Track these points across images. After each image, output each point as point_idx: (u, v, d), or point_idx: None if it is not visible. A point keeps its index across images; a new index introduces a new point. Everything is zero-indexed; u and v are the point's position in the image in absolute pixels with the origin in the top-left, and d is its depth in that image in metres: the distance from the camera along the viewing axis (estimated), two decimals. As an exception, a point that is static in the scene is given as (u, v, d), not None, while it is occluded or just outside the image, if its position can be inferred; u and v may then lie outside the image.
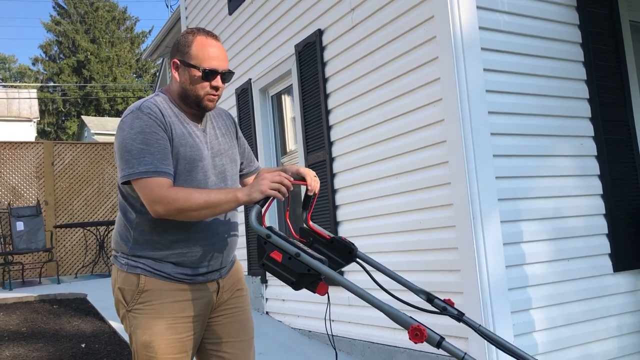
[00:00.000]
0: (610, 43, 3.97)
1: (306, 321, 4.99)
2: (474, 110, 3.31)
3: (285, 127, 5.72)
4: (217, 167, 2.04)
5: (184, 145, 1.93)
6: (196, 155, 1.96)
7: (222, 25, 6.55)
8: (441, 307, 1.91)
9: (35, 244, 8.44)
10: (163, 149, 1.87)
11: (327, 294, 1.73)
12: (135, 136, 1.85)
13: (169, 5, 14.43)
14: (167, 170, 1.86)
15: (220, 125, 2.14)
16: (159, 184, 1.82)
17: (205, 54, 1.93)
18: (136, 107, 1.91)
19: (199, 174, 1.96)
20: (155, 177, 1.83)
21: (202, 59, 1.93)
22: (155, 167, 1.83)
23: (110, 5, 36.29)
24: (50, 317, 5.85)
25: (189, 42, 1.95)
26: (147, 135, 1.85)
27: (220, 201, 1.83)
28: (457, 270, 3.39)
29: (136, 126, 1.86)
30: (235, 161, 2.14)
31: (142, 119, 1.87)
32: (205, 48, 1.94)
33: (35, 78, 36.62)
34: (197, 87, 1.95)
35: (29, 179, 9.50)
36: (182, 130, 1.95)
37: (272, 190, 1.81)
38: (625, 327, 3.73)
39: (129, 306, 1.95)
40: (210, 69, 1.93)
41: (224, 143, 2.10)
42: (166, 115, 1.93)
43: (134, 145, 1.84)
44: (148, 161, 1.83)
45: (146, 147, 1.84)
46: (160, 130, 1.88)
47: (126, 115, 1.91)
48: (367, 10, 4.11)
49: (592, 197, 3.77)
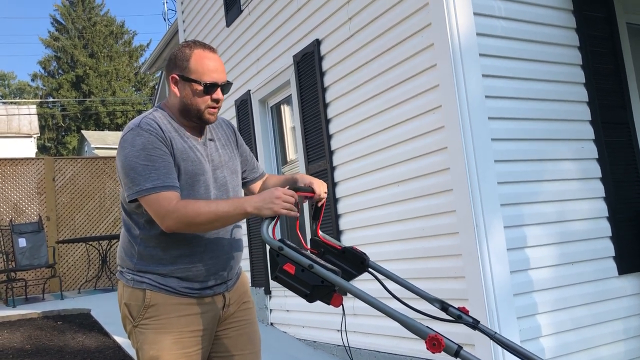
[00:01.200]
0: (607, 45, 3.98)
1: (311, 331, 4.97)
2: (473, 116, 3.31)
3: (285, 136, 5.73)
4: (219, 179, 2.03)
5: (185, 160, 1.93)
6: (198, 170, 1.95)
7: (220, 37, 6.57)
8: (456, 315, 1.90)
9: (37, 260, 8.42)
10: (167, 163, 1.87)
11: (341, 305, 1.72)
12: (138, 153, 1.84)
13: (166, 18, 14.49)
14: (174, 183, 1.86)
15: (220, 137, 2.13)
16: (167, 198, 1.82)
17: (205, 67, 1.92)
18: (135, 125, 1.90)
19: (200, 188, 1.96)
20: (164, 191, 1.82)
21: (202, 72, 1.92)
22: (163, 182, 1.83)
23: (108, 20, 36.47)
24: (55, 333, 5.83)
25: (187, 57, 1.94)
26: (150, 152, 1.85)
27: (229, 213, 1.82)
28: (461, 277, 3.38)
29: (138, 143, 1.85)
30: (236, 172, 2.13)
31: (143, 135, 1.86)
32: (204, 61, 1.93)
33: (34, 94, 36.73)
34: (198, 101, 1.94)
35: (30, 195, 9.50)
36: (182, 145, 1.94)
37: (284, 210, 1.78)
38: (632, 330, 3.71)
39: (136, 321, 1.95)
40: (211, 82, 1.93)
41: (224, 155, 2.09)
42: (166, 130, 1.92)
43: (138, 163, 1.84)
44: (154, 177, 1.83)
45: (150, 164, 1.84)
46: (162, 146, 1.88)
47: (126, 133, 1.90)
48: (364, 19, 4.12)
49: (595, 200, 3.76)
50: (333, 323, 4.56)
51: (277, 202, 1.78)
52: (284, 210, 1.77)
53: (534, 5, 3.74)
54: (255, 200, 1.80)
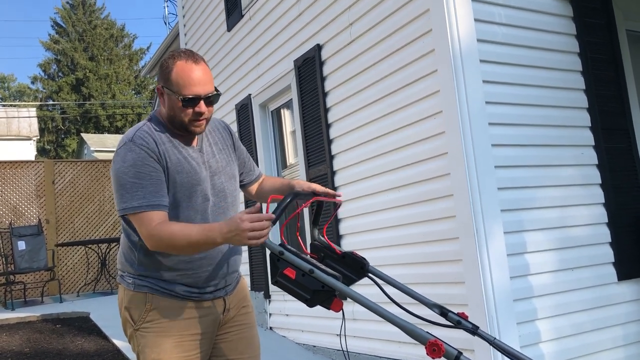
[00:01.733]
0: (607, 52, 3.99)
1: (310, 336, 4.97)
2: (474, 122, 3.33)
3: (285, 141, 5.74)
4: (216, 186, 2.03)
5: (180, 173, 1.92)
6: (194, 181, 1.95)
7: (221, 42, 6.59)
8: (455, 320, 1.90)
9: (37, 263, 8.42)
10: (155, 180, 1.86)
11: (341, 310, 1.72)
12: (128, 170, 1.84)
13: (167, 22, 14.51)
14: (160, 202, 1.85)
15: (217, 140, 2.11)
16: (150, 219, 1.81)
17: (185, 80, 1.86)
18: (129, 139, 1.89)
19: (198, 198, 1.96)
20: (148, 211, 1.82)
21: (183, 85, 1.86)
22: (148, 201, 1.82)
23: (109, 23, 36.53)
24: (54, 336, 5.83)
25: (169, 69, 1.89)
26: (139, 168, 1.84)
27: (199, 242, 1.78)
28: (461, 282, 3.38)
29: (128, 159, 1.85)
30: (234, 177, 2.13)
31: (135, 151, 1.85)
32: (185, 74, 1.86)
33: (34, 96, 36.75)
34: (182, 114, 1.89)
35: (29, 198, 9.50)
36: (177, 157, 1.93)
37: (252, 241, 1.70)
38: (631, 336, 3.71)
39: (137, 325, 1.96)
40: (191, 96, 1.87)
41: (221, 160, 2.08)
42: (159, 143, 1.90)
43: (126, 180, 1.84)
44: (140, 195, 1.82)
45: (138, 181, 1.83)
46: (153, 162, 1.86)
47: (120, 146, 1.90)
48: (366, 25, 4.14)
49: (595, 206, 3.77)
50: (332, 327, 4.56)
51: (243, 234, 1.69)
52: (251, 241, 1.69)
53: (535, 12, 3.76)
54: (225, 231, 1.73)
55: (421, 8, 3.60)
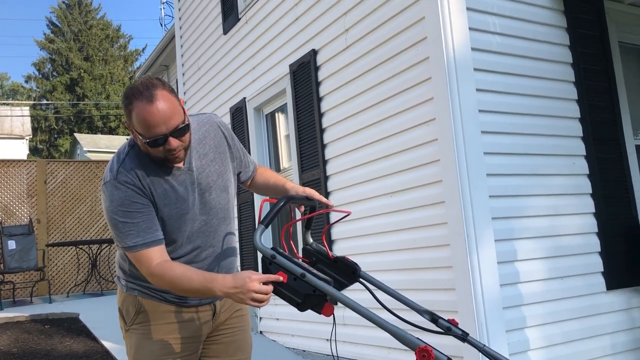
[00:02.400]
0: (600, 63, 4.03)
1: (301, 340, 4.97)
2: (467, 130, 3.35)
3: (279, 145, 5.75)
4: (207, 203, 1.99)
5: (167, 205, 1.89)
6: (182, 210, 1.92)
7: (216, 45, 6.60)
8: (446, 327, 1.91)
9: (27, 263, 8.37)
10: (146, 217, 1.84)
11: (332, 314, 1.73)
12: (116, 209, 1.82)
13: (163, 24, 14.51)
14: (154, 237, 1.84)
15: (208, 151, 2.01)
16: (147, 257, 1.82)
17: (144, 124, 1.75)
18: (113, 177, 1.84)
19: (187, 224, 1.94)
20: (144, 249, 1.82)
21: (144, 128, 1.76)
22: (143, 239, 1.82)
23: (104, 24, 36.47)
24: (42, 337, 5.79)
25: (129, 111, 1.78)
26: (128, 207, 1.82)
27: (200, 290, 1.78)
28: (451, 289, 3.40)
29: (115, 199, 1.82)
30: (226, 189, 2.06)
31: (120, 189, 1.82)
32: (142, 117, 1.75)
33: (28, 96, 36.59)
34: (153, 152, 1.82)
35: (20, 197, 9.45)
36: (163, 188, 1.88)
37: (253, 302, 1.69)
38: (619, 345, 3.73)
39: (127, 326, 2.02)
40: (153, 138, 1.77)
41: (212, 173, 2.00)
42: (142, 177, 1.85)
43: (117, 220, 1.82)
44: (134, 234, 1.82)
45: (130, 220, 1.81)
46: (140, 197, 1.83)
47: (105, 183, 1.86)
48: (361, 31, 4.16)
49: (585, 216, 3.80)
50: (322, 332, 4.56)
51: (248, 294, 1.68)
52: (253, 302, 1.70)
53: (529, 22, 3.79)
54: (228, 286, 1.71)
55: (416, 16, 3.62)
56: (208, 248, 2.00)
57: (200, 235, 1.98)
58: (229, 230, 2.09)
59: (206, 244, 1.99)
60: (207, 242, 2.00)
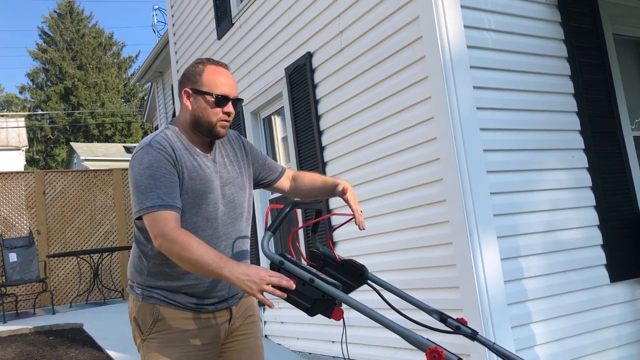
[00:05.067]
0: (595, 56, 4.04)
1: (306, 343, 4.97)
2: (465, 128, 3.35)
3: (276, 148, 5.75)
4: (227, 196, 2.05)
5: (194, 179, 1.95)
6: (207, 188, 1.97)
7: (211, 50, 6.59)
8: (455, 326, 1.92)
9: (29, 275, 8.36)
10: (170, 183, 1.88)
11: (342, 318, 1.73)
12: (143, 171, 1.87)
13: (156, 30, 14.50)
14: (174, 203, 1.86)
15: (229, 152, 2.14)
16: (164, 218, 1.82)
17: (217, 81, 1.97)
18: (146, 143, 1.93)
19: (209, 205, 1.98)
20: (162, 210, 1.83)
21: (214, 85, 1.97)
22: (162, 201, 1.84)
23: (97, 32, 36.43)
24: (47, 349, 5.78)
25: (200, 71, 1.99)
26: (155, 170, 1.86)
27: (209, 266, 1.73)
28: (456, 287, 3.40)
29: (145, 162, 1.88)
30: (243, 188, 2.14)
31: (151, 153, 1.89)
32: (217, 76, 1.98)
33: (22, 106, 36.52)
34: (210, 113, 1.97)
35: (19, 209, 9.43)
36: (192, 163, 1.96)
37: (260, 295, 1.69)
38: (624, 337, 3.74)
39: (144, 335, 1.99)
40: (223, 95, 1.97)
41: (232, 171, 2.11)
42: (176, 149, 1.94)
43: (142, 181, 1.86)
44: (154, 195, 1.84)
45: (153, 182, 1.85)
46: (169, 165, 1.89)
47: (137, 151, 1.93)
48: (356, 32, 4.16)
49: (586, 209, 3.81)
50: (328, 335, 4.56)
51: (259, 283, 1.68)
52: (260, 295, 1.68)
53: (523, 18, 3.80)
54: (240, 272, 1.71)
55: (411, 15, 3.62)
56: (226, 239, 2.02)
57: (220, 224, 2.00)
58: (244, 227, 2.12)
59: (225, 234, 2.02)
60: (226, 233, 2.02)
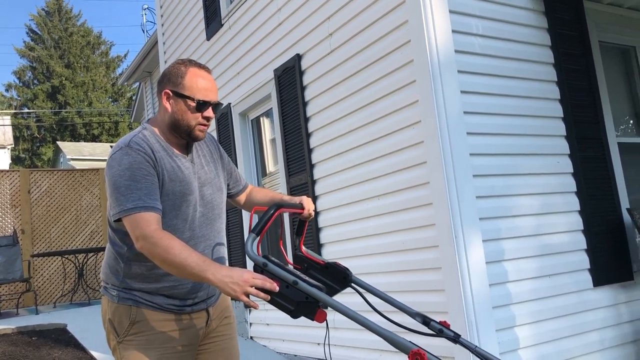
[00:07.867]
0: (581, 63, 4.08)
1: (292, 345, 4.96)
2: (452, 132, 3.37)
3: (265, 149, 5.74)
4: (205, 197, 2.05)
5: (173, 181, 1.94)
6: (186, 190, 1.96)
7: (200, 51, 6.58)
8: (437, 329, 1.93)
9: (12, 274, 8.26)
10: (150, 184, 1.86)
11: (326, 320, 1.73)
12: (123, 173, 1.85)
13: (145, 30, 14.45)
14: (155, 205, 1.85)
15: (205, 153, 2.14)
16: (146, 220, 1.80)
17: (198, 85, 1.95)
18: (125, 144, 1.90)
19: (189, 207, 1.97)
20: (143, 212, 1.81)
21: (196, 89, 1.94)
22: (143, 202, 1.82)
23: (85, 30, 36.13)
24: (29, 349, 5.72)
25: (181, 73, 1.96)
26: (135, 171, 1.85)
27: (192, 270, 1.72)
28: (441, 290, 3.42)
29: (124, 163, 1.86)
30: (221, 189, 2.15)
31: (131, 155, 1.87)
32: (198, 79, 1.96)
33: (8, 104, 36.13)
34: (190, 117, 1.95)
35: (4, 208, 9.33)
36: (171, 165, 1.95)
37: (245, 298, 1.69)
38: (607, 341, 3.78)
39: (120, 337, 1.95)
40: (203, 100, 1.95)
41: (209, 172, 2.11)
42: (155, 150, 1.92)
43: (122, 182, 1.84)
44: (135, 197, 1.82)
45: (133, 183, 1.83)
46: (149, 166, 1.88)
47: (115, 152, 1.91)
48: (345, 35, 4.17)
49: (570, 214, 3.84)
50: (313, 336, 4.56)
51: (242, 285, 1.68)
52: (244, 297, 1.68)
53: (511, 24, 3.83)
54: (223, 274, 1.70)
55: (400, 19, 3.64)
56: (204, 240, 2.02)
57: (198, 225, 2.00)
58: (222, 229, 2.13)
59: (203, 236, 2.02)
60: (204, 234, 2.02)
